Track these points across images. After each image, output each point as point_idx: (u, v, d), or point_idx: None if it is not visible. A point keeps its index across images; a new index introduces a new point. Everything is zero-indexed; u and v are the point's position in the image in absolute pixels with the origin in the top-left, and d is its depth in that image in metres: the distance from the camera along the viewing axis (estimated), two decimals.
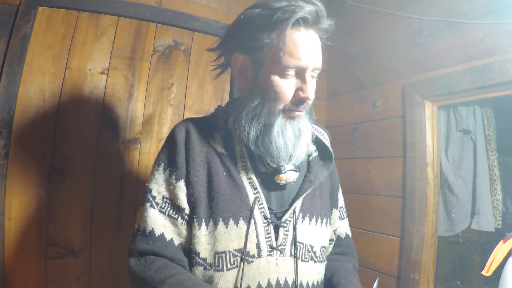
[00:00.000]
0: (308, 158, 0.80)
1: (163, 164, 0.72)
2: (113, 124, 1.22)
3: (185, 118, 1.35)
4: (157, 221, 0.68)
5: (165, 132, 1.31)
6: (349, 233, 0.92)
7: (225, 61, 0.79)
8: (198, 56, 1.40)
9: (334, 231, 0.87)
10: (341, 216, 0.89)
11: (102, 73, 1.22)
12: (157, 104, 1.31)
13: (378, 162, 1.46)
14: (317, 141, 0.83)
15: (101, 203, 1.17)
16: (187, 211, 0.69)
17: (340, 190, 0.92)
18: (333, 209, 0.86)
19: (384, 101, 1.46)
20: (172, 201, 0.70)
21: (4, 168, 1.03)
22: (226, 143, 0.74)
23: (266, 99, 0.68)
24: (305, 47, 0.65)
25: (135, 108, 1.27)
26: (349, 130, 1.62)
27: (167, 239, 0.68)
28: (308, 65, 0.66)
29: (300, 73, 0.66)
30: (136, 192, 1.23)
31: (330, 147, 0.82)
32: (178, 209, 0.69)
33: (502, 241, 1.09)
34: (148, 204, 0.70)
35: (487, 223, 1.45)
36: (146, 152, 1.27)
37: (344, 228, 0.90)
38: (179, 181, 0.69)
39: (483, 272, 1.07)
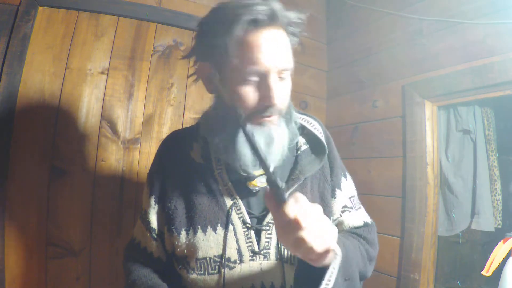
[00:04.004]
0: (296, 153, 0.75)
1: (147, 184, 0.77)
2: (113, 124, 1.22)
3: (184, 117, 1.36)
4: (140, 235, 0.77)
5: (165, 132, 1.31)
6: (369, 221, 0.79)
7: (196, 70, 0.74)
8: None
9: (341, 222, 0.76)
10: (354, 207, 0.78)
11: (102, 73, 1.22)
12: (157, 104, 1.31)
13: (378, 162, 1.46)
14: (308, 133, 0.77)
15: (101, 203, 1.17)
16: (156, 231, 0.74)
17: (347, 177, 0.81)
18: (333, 198, 0.76)
19: (384, 101, 1.46)
20: (150, 222, 0.74)
21: (4, 168, 1.03)
22: (204, 152, 0.73)
23: (231, 107, 0.64)
24: (262, 49, 0.59)
25: (135, 108, 1.27)
26: (349, 130, 1.62)
27: (148, 251, 0.75)
28: (268, 69, 0.59)
29: (263, 78, 0.60)
30: (136, 192, 1.23)
31: (322, 139, 0.75)
32: (151, 229, 0.74)
33: (502, 241, 1.09)
34: (140, 221, 0.78)
35: (487, 223, 1.45)
36: (146, 152, 1.27)
37: (357, 218, 0.77)
38: (153, 202, 0.74)
39: (483, 272, 1.07)
